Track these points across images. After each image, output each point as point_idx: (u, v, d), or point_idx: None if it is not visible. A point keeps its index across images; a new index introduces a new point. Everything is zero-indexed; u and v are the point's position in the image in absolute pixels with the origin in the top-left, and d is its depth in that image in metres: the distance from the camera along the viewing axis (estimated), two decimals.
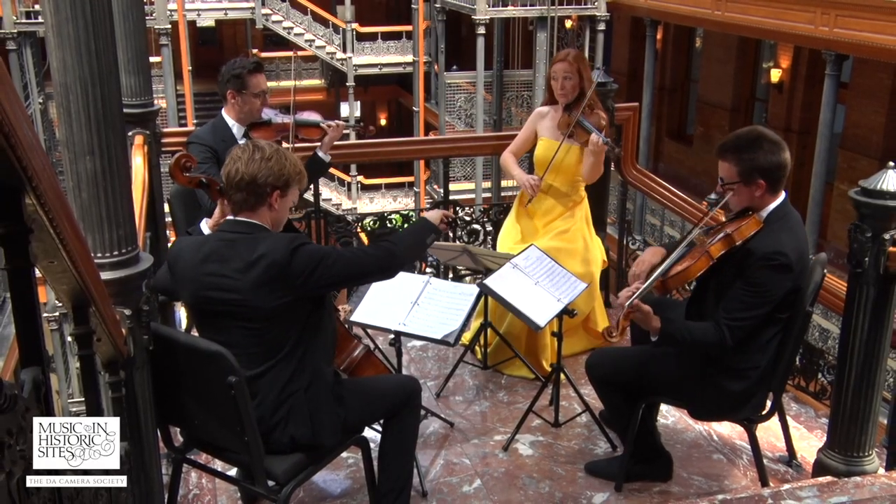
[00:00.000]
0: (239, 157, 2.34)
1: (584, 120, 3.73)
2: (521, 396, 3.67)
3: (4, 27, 14.34)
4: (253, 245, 2.31)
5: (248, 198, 2.34)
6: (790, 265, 2.56)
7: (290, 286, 2.29)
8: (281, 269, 2.27)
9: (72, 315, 1.66)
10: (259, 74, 3.44)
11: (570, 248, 3.83)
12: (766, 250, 2.57)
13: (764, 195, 2.65)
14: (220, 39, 25.37)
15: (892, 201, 2.56)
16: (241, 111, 3.44)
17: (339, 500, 2.97)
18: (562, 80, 3.77)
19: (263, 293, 2.28)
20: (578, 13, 15.97)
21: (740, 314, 2.60)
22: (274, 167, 2.33)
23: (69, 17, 1.80)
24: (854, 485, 2.64)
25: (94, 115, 1.88)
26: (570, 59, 3.79)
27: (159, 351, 2.26)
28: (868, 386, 2.75)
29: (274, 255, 2.27)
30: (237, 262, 2.31)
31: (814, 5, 10.70)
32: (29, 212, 1.12)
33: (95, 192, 1.94)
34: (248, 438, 2.28)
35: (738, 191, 2.66)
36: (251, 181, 2.31)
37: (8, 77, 0.98)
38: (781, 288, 2.59)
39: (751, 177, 2.62)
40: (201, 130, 3.54)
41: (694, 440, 3.33)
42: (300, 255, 2.29)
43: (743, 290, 2.61)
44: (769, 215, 2.66)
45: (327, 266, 2.32)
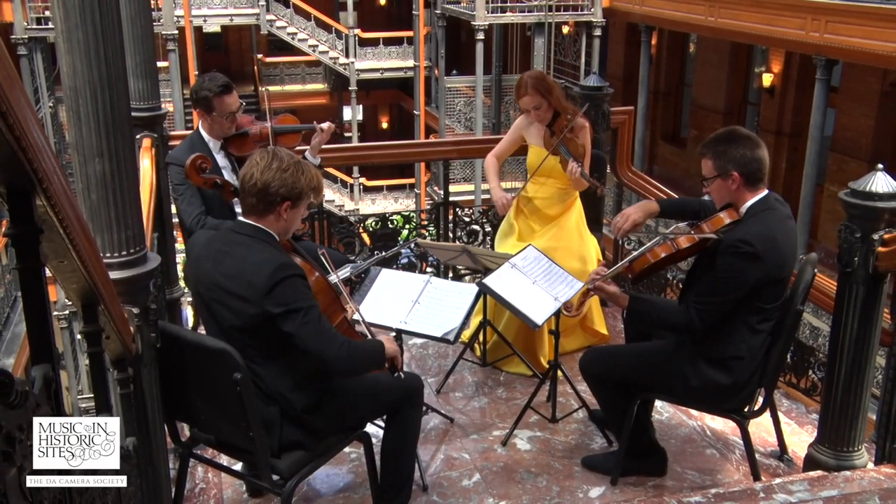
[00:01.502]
0: (257, 163, 2.34)
1: (563, 148, 3.65)
2: (519, 393, 3.67)
3: (16, 33, 14.35)
4: (248, 254, 2.31)
5: (258, 204, 2.34)
6: (755, 254, 2.55)
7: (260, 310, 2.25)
8: (258, 291, 2.24)
9: (81, 313, 1.66)
10: (227, 96, 3.37)
11: (565, 247, 3.82)
12: (733, 238, 2.59)
13: (740, 189, 2.65)
14: (225, 45, 25.36)
15: (881, 203, 2.56)
16: (213, 129, 3.43)
17: (341, 494, 2.97)
18: (532, 110, 3.71)
19: (241, 304, 2.28)
20: (575, 19, 15.98)
21: (706, 298, 2.64)
22: (288, 179, 2.32)
23: (79, 24, 1.80)
24: (844, 479, 2.65)
25: (102, 118, 1.88)
26: (530, 89, 3.64)
27: (166, 348, 2.26)
28: (857, 382, 2.75)
29: (259, 273, 2.25)
30: (229, 265, 2.32)
31: (804, 12, 10.70)
32: (40, 213, 1.12)
33: (104, 194, 1.94)
34: (252, 434, 2.28)
35: (716, 185, 2.69)
36: (263, 188, 2.31)
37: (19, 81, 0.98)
38: (748, 275, 2.58)
39: (725, 169, 2.64)
40: (178, 150, 3.48)
41: (688, 435, 3.33)
42: (281, 287, 2.24)
43: (711, 276, 2.65)
44: (748, 210, 2.66)
45: (300, 316, 2.25)
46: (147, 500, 2.07)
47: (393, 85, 23.18)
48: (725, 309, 2.63)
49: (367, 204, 19.52)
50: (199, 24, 18.91)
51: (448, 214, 4.72)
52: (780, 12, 11.16)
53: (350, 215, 11.74)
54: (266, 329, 2.29)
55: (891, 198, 2.57)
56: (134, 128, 3.19)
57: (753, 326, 2.68)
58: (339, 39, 19.49)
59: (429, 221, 4.96)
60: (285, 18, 19.44)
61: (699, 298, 2.65)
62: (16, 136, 0.95)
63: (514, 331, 3.84)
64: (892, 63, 9.83)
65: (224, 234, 2.45)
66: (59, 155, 13.21)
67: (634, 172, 4.76)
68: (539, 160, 3.81)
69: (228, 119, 3.40)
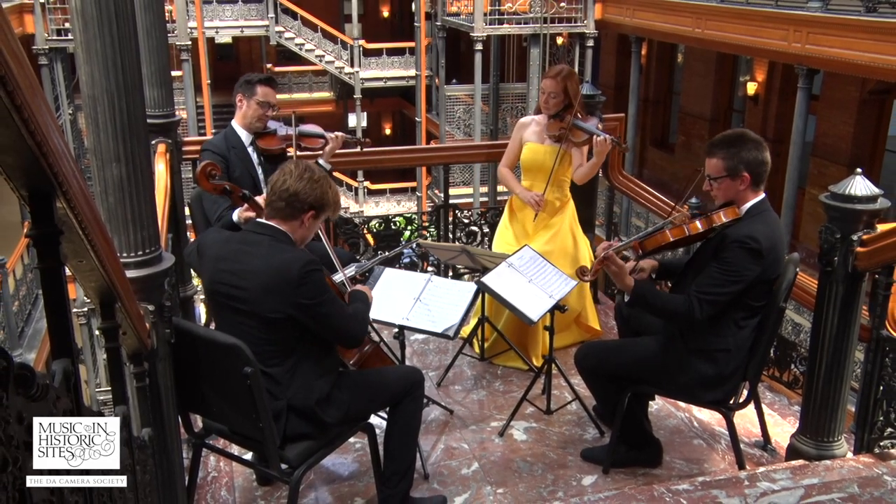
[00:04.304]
0: (291, 171, 2.38)
1: (580, 122, 3.69)
2: (515, 386, 3.67)
3: (37, 44, 14.35)
4: (274, 252, 2.31)
5: (286, 208, 2.36)
6: (761, 251, 2.56)
7: (290, 302, 2.29)
8: (288, 284, 2.27)
9: (99, 310, 1.66)
10: (268, 86, 3.48)
11: (560, 249, 3.82)
12: (741, 234, 2.59)
13: (747, 189, 2.66)
14: (236, 55, 25.34)
15: (859, 205, 2.56)
16: (247, 116, 3.46)
17: (347, 482, 2.97)
18: (547, 95, 3.74)
19: (268, 300, 2.29)
20: (569, 31, 15.97)
21: (710, 289, 2.61)
22: (317, 190, 2.37)
23: (97, 35, 1.80)
24: (824, 468, 2.65)
25: (119, 124, 1.88)
26: (559, 78, 3.73)
27: (180, 344, 2.26)
28: (837, 376, 2.75)
29: (290, 269, 2.27)
30: (254, 262, 2.32)
31: (787, 23, 10.69)
32: (60, 215, 1.12)
33: (121, 197, 1.94)
34: (262, 425, 2.28)
35: (724, 184, 2.68)
36: (294, 194, 2.35)
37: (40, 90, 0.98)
38: (751, 271, 2.58)
39: (737, 170, 2.64)
40: (215, 139, 3.56)
41: (676, 426, 3.32)
42: (311, 278, 2.29)
43: (715, 268, 2.62)
44: (749, 209, 2.67)
45: (323, 304, 2.33)
46: (162, 487, 2.07)
47: (395, 93, 23.16)
48: (725, 301, 2.62)
49: (371, 206, 19.50)
50: (212, 36, 18.89)
51: (448, 216, 4.72)
52: (763, 24, 11.15)
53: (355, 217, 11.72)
54: (287, 323, 2.31)
55: (869, 200, 2.57)
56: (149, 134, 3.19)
57: (739, 322, 2.68)
58: (345, 50, 19.49)
59: (430, 223, 4.95)
60: (293, 30, 19.43)
61: (702, 289, 2.62)
62: (37, 142, 0.95)
63: (511, 327, 3.83)
64: (870, 72, 9.82)
65: (242, 235, 2.46)
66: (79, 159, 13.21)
67: (625, 176, 4.76)
68: (534, 156, 3.82)
69: (263, 108, 3.45)
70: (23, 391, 0.83)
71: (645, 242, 2.77)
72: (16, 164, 0.99)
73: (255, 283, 2.30)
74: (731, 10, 11.92)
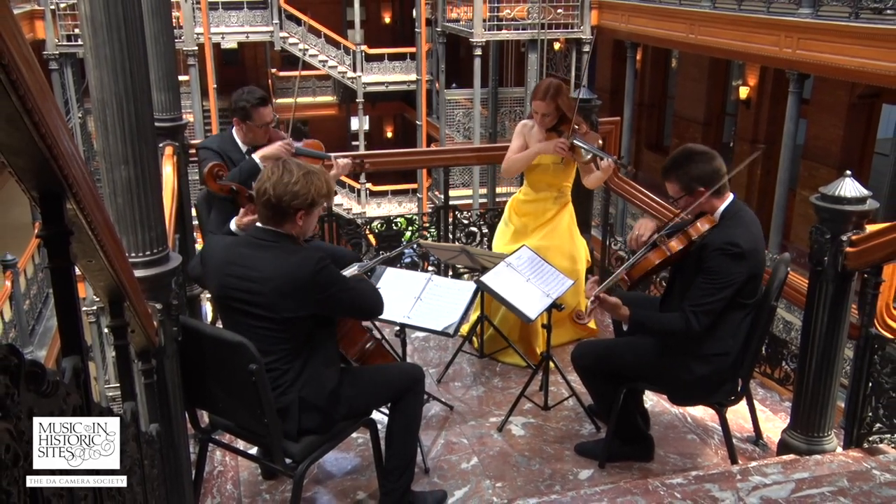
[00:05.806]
0: (269, 177, 2.32)
1: (582, 142, 3.55)
2: (513, 382, 3.67)
3: (47, 49, 14.35)
4: (281, 255, 2.30)
5: (273, 215, 2.34)
6: (743, 254, 2.58)
7: (309, 300, 2.29)
8: (305, 284, 2.27)
9: (108, 309, 1.65)
10: (263, 108, 3.33)
11: (557, 246, 3.81)
12: (720, 241, 2.59)
13: (710, 199, 2.67)
14: (241, 60, 25.35)
15: (849, 206, 2.56)
16: (248, 137, 3.40)
17: (349, 476, 2.97)
18: (541, 116, 3.65)
19: (285, 302, 2.28)
20: (566, 36, 15.96)
21: (702, 300, 2.62)
22: (300, 191, 2.30)
23: (106, 40, 1.80)
24: (815, 462, 2.64)
25: (128, 128, 1.88)
26: (548, 98, 3.60)
27: (187, 341, 2.26)
28: (827, 373, 2.75)
29: (303, 271, 2.27)
30: (263, 267, 2.30)
31: (778, 29, 10.69)
32: (70, 216, 1.12)
33: (130, 198, 1.94)
34: (267, 421, 2.28)
35: (685, 202, 2.71)
36: (277, 202, 2.30)
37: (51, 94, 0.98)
38: (739, 274, 2.59)
39: (691, 187, 2.68)
40: (213, 138, 3.50)
41: (670, 422, 3.32)
42: (324, 274, 2.29)
43: (702, 280, 2.63)
44: (723, 213, 2.69)
45: (340, 290, 2.35)
46: (169, 481, 2.07)
47: (397, 97, 23.16)
48: (720, 308, 2.62)
49: (372, 207, 19.49)
50: (218, 41, 18.90)
51: (448, 217, 4.72)
52: (755, 30, 11.15)
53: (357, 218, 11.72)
54: (304, 321, 2.31)
55: (858, 202, 2.57)
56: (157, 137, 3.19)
57: (733, 323, 2.69)
58: (347, 55, 19.49)
59: (430, 224, 4.95)
60: (297, 35, 19.44)
61: (695, 301, 2.62)
62: (48, 145, 0.95)
63: (510, 325, 3.83)
64: (859, 77, 9.82)
65: (244, 240, 2.44)
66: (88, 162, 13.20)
67: (621, 178, 4.75)
68: (541, 161, 3.78)
69: (262, 129, 3.36)
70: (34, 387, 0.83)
71: (631, 272, 2.77)
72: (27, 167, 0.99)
73: (269, 287, 2.28)
74: (724, 17, 11.91)
